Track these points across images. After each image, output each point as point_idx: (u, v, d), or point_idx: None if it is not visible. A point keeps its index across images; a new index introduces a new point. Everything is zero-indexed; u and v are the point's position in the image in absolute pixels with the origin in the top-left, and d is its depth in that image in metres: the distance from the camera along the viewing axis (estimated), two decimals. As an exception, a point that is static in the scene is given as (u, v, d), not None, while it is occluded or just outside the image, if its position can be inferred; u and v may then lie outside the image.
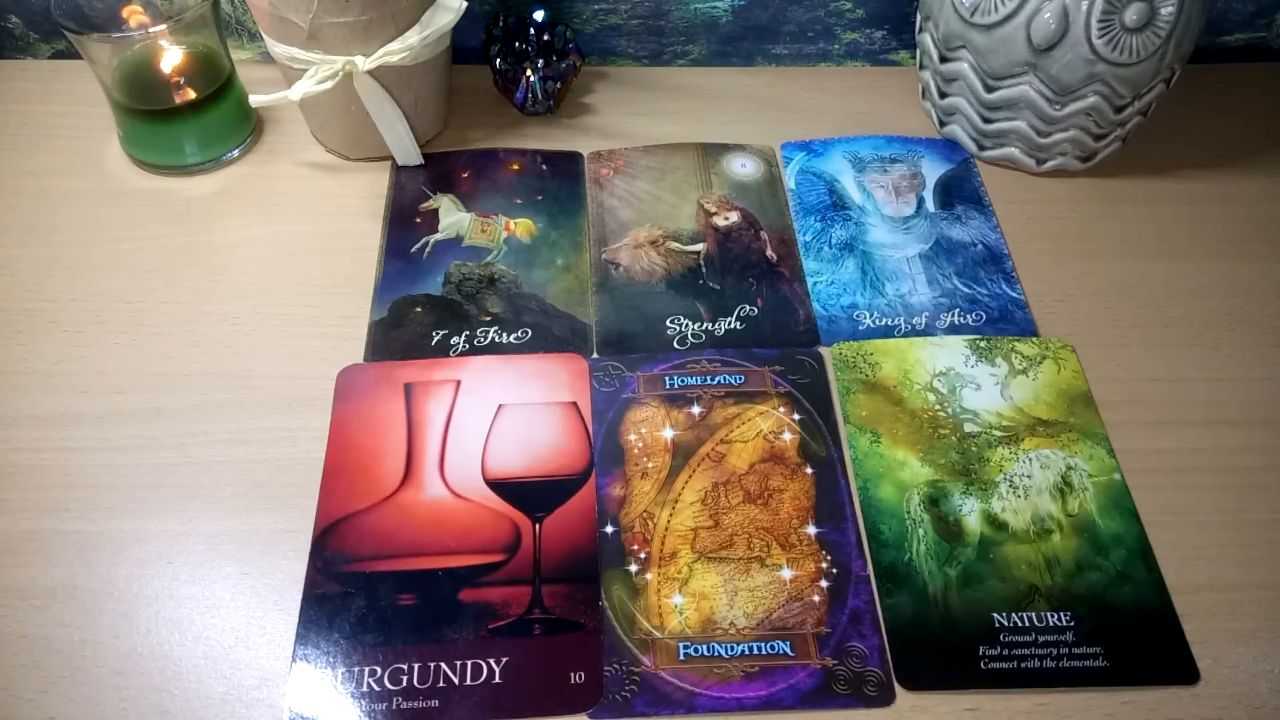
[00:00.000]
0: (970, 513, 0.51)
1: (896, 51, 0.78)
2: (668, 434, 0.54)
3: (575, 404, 0.55)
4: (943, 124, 0.71)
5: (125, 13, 0.63)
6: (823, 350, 0.58)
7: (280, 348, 0.57)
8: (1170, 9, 0.59)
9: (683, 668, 0.46)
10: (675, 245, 0.63)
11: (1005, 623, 0.47)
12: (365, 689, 0.45)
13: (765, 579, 0.49)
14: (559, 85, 0.70)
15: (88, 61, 0.62)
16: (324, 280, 0.61)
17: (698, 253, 0.63)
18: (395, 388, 0.55)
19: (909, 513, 0.51)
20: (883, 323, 0.60)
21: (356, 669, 0.45)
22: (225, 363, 0.56)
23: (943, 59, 0.67)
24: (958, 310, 0.60)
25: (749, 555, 0.50)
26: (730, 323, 0.60)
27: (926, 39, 0.69)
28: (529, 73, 0.69)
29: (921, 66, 0.72)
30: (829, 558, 0.50)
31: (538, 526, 0.50)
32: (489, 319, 0.59)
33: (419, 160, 0.67)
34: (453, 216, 0.64)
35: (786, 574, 0.49)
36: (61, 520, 0.50)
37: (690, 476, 0.52)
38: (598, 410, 0.55)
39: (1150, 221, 0.66)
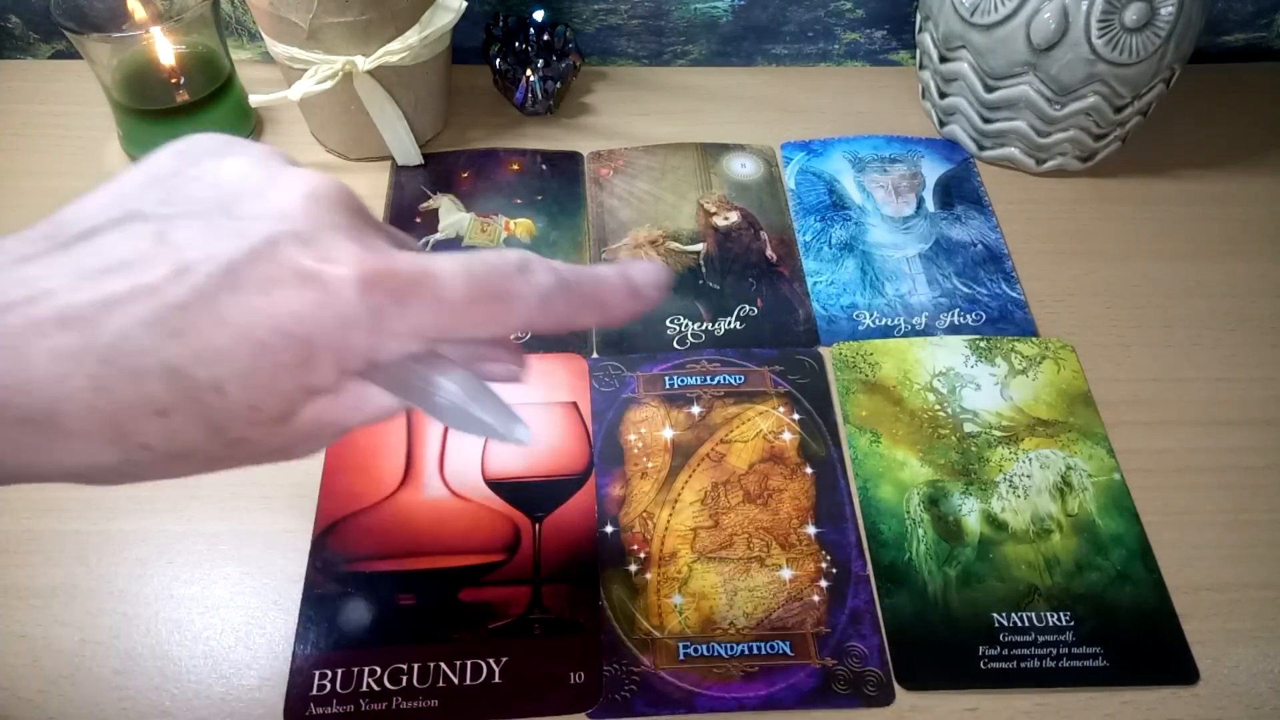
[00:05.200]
0: (970, 513, 0.51)
1: (896, 51, 0.78)
2: (667, 434, 0.54)
3: (575, 404, 0.55)
4: (943, 124, 0.71)
5: (129, 5, 0.63)
6: (823, 350, 0.58)
7: (280, 348, 0.57)
8: (1170, 9, 0.59)
9: (682, 668, 0.46)
10: (675, 245, 0.63)
11: (1005, 623, 0.47)
12: (365, 689, 0.45)
13: (765, 579, 0.49)
14: (559, 85, 0.70)
15: (88, 61, 0.62)
16: (324, 280, 0.61)
17: (697, 253, 0.63)
18: (395, 388, 0.55)
19: (909, 513, 0.51)
20: (882, 323, 0.60)
21: (356, 669, 0.45)
22: (225, 363, 0.56)
23: (943, 59, 0.67)
24: (957, 310, 0.60)
25: (749, 555, 0.50)
26: (730, 323, 0.60)
27: (926, 39, 0.69)
28: (529, 73, 0.69)
29: (921, 66, 0.72)
30: (829, 558, 0.50)
31: (537, 526, 0.50)
32: (489, 319, 0.59)
33: (419, 160, 0.67)
34: (453, 216, 0.64)
35: (786, 574, 0.49)
36: (61, 520, 0.50)
37: (690, 476, 0.52)
38: (597, 410, 0.55)
39: (1150, 221, 0.66)
